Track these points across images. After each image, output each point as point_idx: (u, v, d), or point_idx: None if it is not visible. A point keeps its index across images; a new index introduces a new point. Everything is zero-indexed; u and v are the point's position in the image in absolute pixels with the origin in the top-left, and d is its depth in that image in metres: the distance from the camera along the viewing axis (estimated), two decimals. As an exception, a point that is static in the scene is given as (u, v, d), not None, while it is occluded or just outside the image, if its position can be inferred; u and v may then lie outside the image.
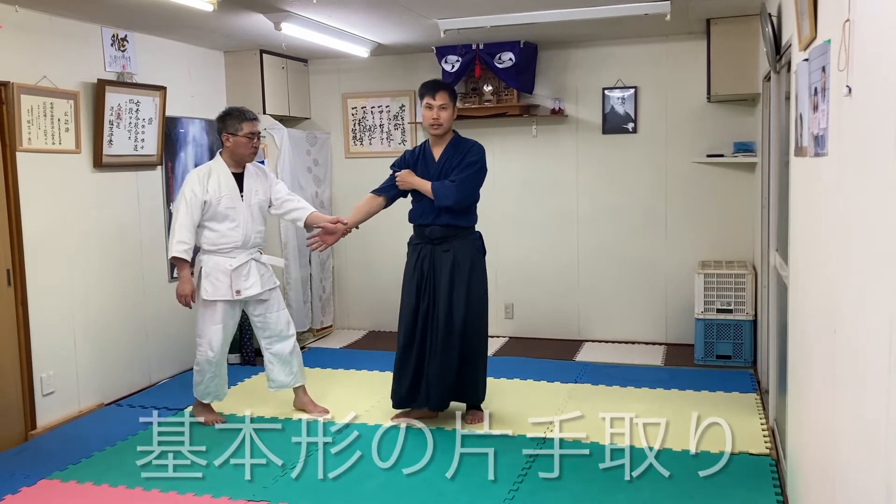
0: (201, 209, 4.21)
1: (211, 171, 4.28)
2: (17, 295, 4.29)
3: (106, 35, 4.85)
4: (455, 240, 4.23)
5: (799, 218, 3.02)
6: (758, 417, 4.30)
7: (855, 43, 1.83)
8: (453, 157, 4.24)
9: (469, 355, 4.23)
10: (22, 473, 3.81)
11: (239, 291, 4.29)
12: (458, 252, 4.21)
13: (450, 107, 4.24)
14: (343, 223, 4.34)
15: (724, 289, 5.37)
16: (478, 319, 4.25)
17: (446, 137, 4.29)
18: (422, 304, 4.24)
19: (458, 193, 4.14)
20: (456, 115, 4.36)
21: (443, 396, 4.23)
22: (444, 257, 4.21)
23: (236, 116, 4.27)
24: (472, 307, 4.20)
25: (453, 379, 4.21)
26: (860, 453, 1.77)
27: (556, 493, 3.46)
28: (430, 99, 4.21)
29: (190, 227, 4.19)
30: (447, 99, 4.22)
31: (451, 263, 4.20)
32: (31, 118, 4.28)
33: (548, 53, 6.05)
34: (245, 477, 3.70)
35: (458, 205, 4.16)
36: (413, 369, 4.26)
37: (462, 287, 4.18)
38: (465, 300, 4.17)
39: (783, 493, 3.37)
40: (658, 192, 5.93)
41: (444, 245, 4.23)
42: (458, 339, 4.18)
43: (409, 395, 4.30)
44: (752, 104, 5.52)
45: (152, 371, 5.30)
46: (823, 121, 2.25)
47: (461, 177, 4.17)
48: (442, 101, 4.20)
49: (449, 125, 4.27)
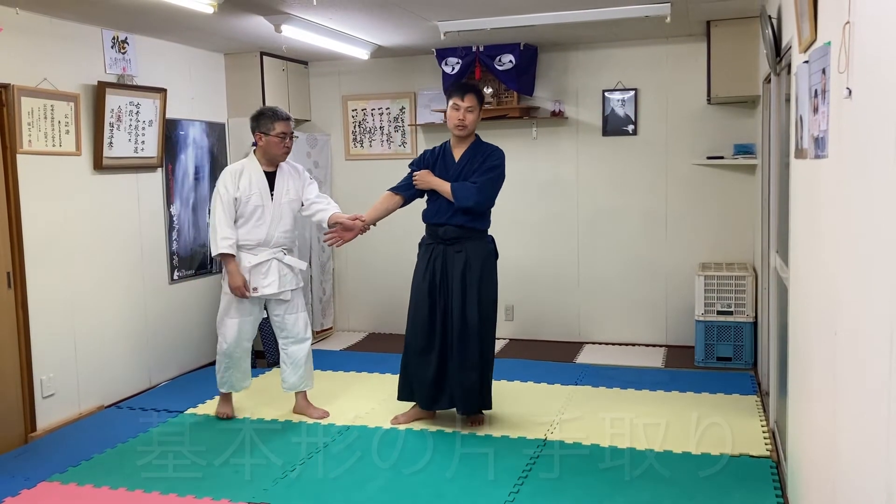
0: (234, 205, 4.29)
1: (243, 169, 4.34)
2: (17, 297, 4.30)
3: (106, 37, 4.85)
4: (468, 241, 4.22)
5: (799, 220, 3.02)
6: (758, 419, 4.30)
7: (855, 45, 1.83)
8: (473, 160, 4.24)
9: (482, 358, 4.21)
10: (22, 475, 3.81)
11: (256, 289, 4.32)
12: (471, 253, 4.20)
13: (476, 110, 4.24)
14: (361, 220, 4.33)
15: (725, 291, 5.37)
16: (487, 322, 4.23)
17: (468, 139, 4.30)
18: (438, 304, 4.24)
19: (480, 195, 4.15)
20: (479, 117, 4.34)
21: (470, 399, 4.20)
22: (457, 258, 4.21)
23: (269, 116, 4.31)
24: (483, 310, 4.19)
25: (477, 379, 4.19)
26: (861, 455, 1.77)
27: (556, 494, 3.46)
28: (458, 100, 4.21)
29: (229, 223, 4.27)
30: (475, 102, 4.22)
31: (464, 264, 4.19)
32: (31, 120, 4.29)
33: (548, 55, 6.06)
34: (245, 478, 3.70)
35: (478, 206, 4.17)
36: (435, 370, 4.23)
37: (473, 289, 4.17)
38: (477, 302, 4.16)
39: (784, 495, 3.37)
40: (658, 193, 5.93)
41: (457, 246, 4.22)
42: (475, 340, 4.17)
43: (433, 396, 4.27)
44: (752, 106, 5.52)
45: (152, 373, 5.30)
46: (823, 123, 2.25)
47: (483, 179, 4.18)
48: (470, 104, 4.20)
49: (473, 128, 4.27)
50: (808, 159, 2.56)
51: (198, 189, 5.69)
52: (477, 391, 4.21)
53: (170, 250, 5.44)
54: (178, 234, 5.50)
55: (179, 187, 5.51)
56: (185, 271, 5.57)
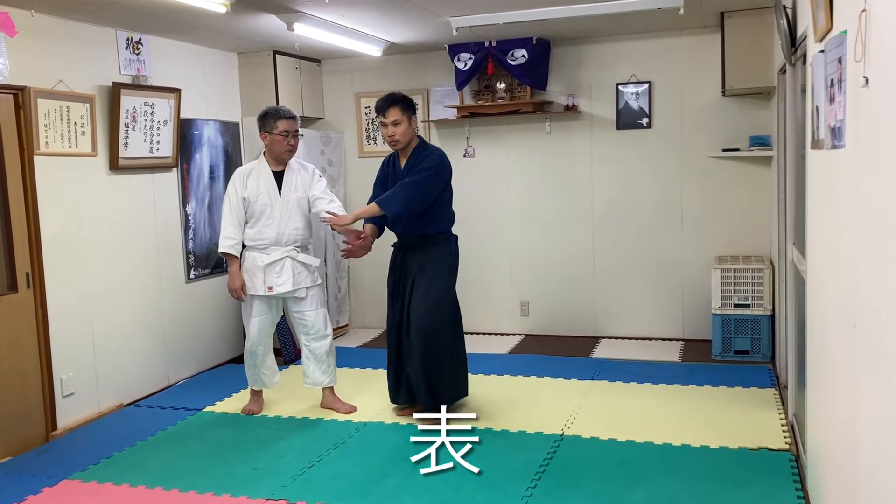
0: (242, 206, 4.36)
1: (252, 170, 4.45)
2: (36, 297, 4.34)
3: (120, 38, 4.88)
4: (426, 246, 4.29)
5: (816, 211, 2.99)
6: (777, 413, 4.27)
7: (871, 33, 1.81)
8: (415, 166, 4.24)
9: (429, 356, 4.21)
10: (44, 474, 3.85)
11: (271, 287, 4.39)
12: (426, 258, 4.28)
13: (404, 121, 4.21)
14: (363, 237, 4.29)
15: (742, 283, 5.33)
16: (438, 320, 4.21)
17: (410, 147, 4.30)
18: (395, 307, 4.38)
19: (405, 196, 4.11)
20: (416, 124, 4.32)
21: (421, 391, 4.27)
22: (414, 263, 4.31)
23: (272, 115, 4.39)
24: (432, 308, 4.19)
25: (423, 376, 4.23)
26: (882, 448, 1.76)
27: (574, 489, 3.45)
28: (381, 118, 4.23)
29: (235, 223, 4.37)
30: (399, 114, 4.20)
31: (419, 268, 4.28)
32: (47, 122, 4.32)
33: (561, 49, 6.03)
34: (263, 475, 3.71)
35: (407, 210, 4.14)
36: (394, 369, 4.44)
37: (420, 288, 4.23)
38: (423, 301, 4.20)
39: (803, 489, 3.35)
40: (673, 187, 5.90)
41: (415, 251, 4.32)
42: (419, 339, 4.20)
43: (395, 391, 4.49)
44: (767, 97, 5.48)
45: (170, 371, 5.34)
46: (840, 112, 2.23)
47: (405, 182, 4.17)
48: (394, 118, 4.19)
49: (407, 139, 4.25)
50: (825, 150, 2.54)
51: (213, 188, 5.72)
52: (424, 388, 4.24)
53: (186, 249, 5.47)
54: (193, 233, 5.53)
55: (195, 187, 5.54)
56: (201, 270, 5.61)
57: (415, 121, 4.31)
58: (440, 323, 4.23)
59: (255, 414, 4.60)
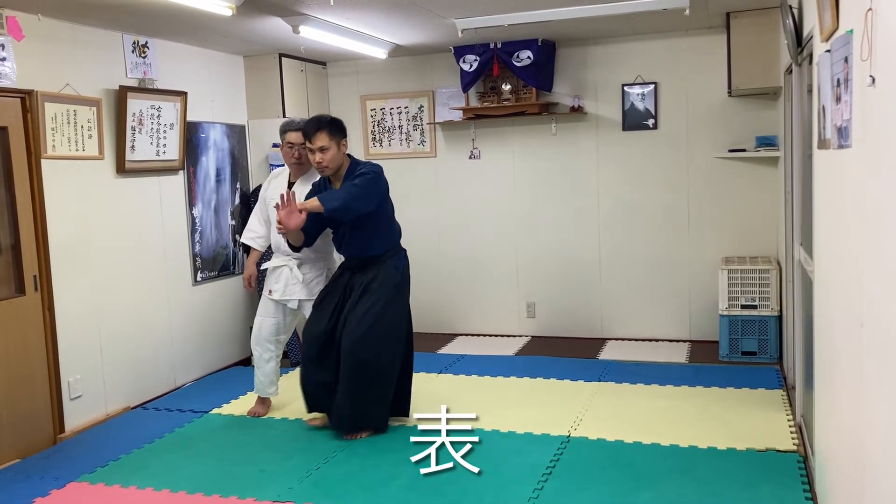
0: (265, 205, 4.58)
1: (279, 175, 4.63)
2: (43, 300, 4.35)
3: (127, 42, 4.90)
4: (372, 266, 4.17)
5: (823, 211, 2.98)
6: (784, 414, 4.26)
7: (878, 32, 1.81)
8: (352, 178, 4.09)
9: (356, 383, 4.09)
10: (51, 476, 3.86)
11: (270, 291, 4.48)
12: (370, 277, 4.13)
13: (332, 146, 4.03)
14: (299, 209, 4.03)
15: (749, 284, 5.32)
16: (366, 350, 4.06)
17: (342, 171, 4.13)
18: (322, 318, 4.19)
19: (344, 196, 3.92)
20: (346, 148, 4.15)
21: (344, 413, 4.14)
22: (358, 283, 4.16)
23: (283, 126, 4.51)
24: (364, 335, 4.04)
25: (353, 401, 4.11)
26: (889, 449, 1.75)
27: (581, 490, 3.45)
28: (309, 144, 4.04)
29: (258, 219, 4.62)
30: (327, 139, 4.01)
31: (362, 289, 4.13)
32: (55, 125, 4.34)
33: (566, 51, 6.03)
34: (271, 477, 3.72)
35: (347, 208, 3.92)
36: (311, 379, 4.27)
37: (357, 312, 4.07)
38: (357, 327, 4.06)
39: (811, 490, 3.33)
40: (680, 187, 5.88)
41: (361, 272, 4.18)
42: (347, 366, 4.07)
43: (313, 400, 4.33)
44: (773, 97, 5.46)
45: (177, 374, 5.35)
46: (847, 112, 2.22)
47: (348, 184, 4.02)
48: (321, 143, 4.00)
49: (336, 164, 4.07)
50: (832, 149, 2.53)
51: (219, 191, 5.73)
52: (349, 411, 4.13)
53: (192, 252, 5.48)
54: (200, 235, 5.55)
55: (201, 189, 5.56)
56: (207, 273, 5.62)
57: (345, 144, 4.13)
58: (369, 353, 4.06)
59: (261, 416, 4.60)
